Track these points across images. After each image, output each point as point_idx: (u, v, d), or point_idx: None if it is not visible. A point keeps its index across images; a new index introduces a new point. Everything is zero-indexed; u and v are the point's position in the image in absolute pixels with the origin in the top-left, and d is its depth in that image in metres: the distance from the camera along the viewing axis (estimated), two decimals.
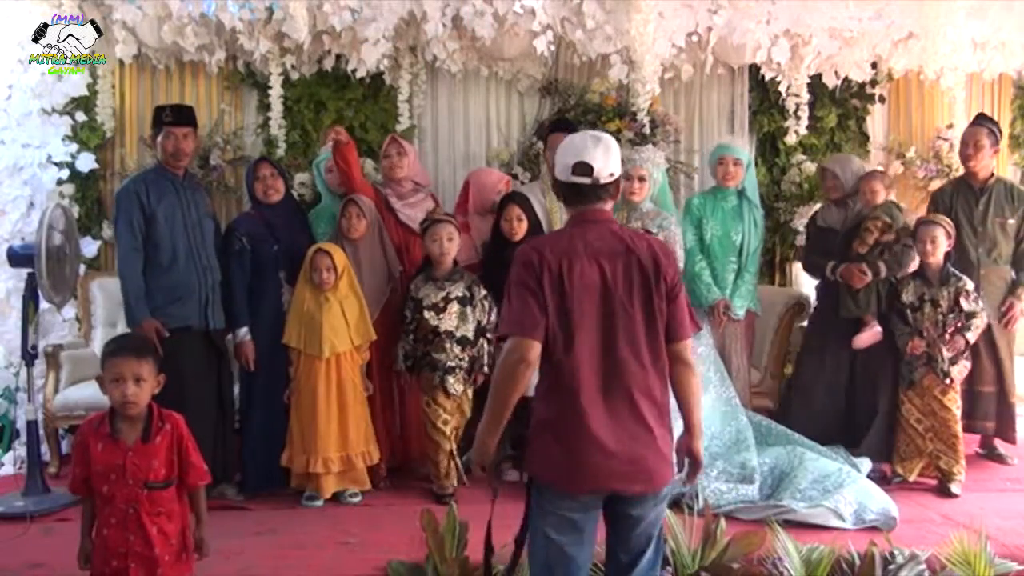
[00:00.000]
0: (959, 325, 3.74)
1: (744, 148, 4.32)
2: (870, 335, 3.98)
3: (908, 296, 3.83)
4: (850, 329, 4.04)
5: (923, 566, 2.91)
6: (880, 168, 4.34)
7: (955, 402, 3.78)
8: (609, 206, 2.36)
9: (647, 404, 2.27)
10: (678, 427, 2.49)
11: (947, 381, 3.75)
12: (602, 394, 2.25)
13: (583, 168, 2.28)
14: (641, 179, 3.95)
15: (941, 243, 3.77)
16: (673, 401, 2.44)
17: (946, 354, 3.73)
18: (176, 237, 3.61)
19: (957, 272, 3.82)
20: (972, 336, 3.76)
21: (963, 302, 3.75)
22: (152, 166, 3.88)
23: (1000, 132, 4.29)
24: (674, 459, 2.33)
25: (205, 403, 3.64)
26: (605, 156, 2.29)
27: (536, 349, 2.22)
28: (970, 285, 3.79)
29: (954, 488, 3.75)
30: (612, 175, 2.31)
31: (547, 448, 2.24)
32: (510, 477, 3.89)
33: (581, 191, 2.31)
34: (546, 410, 2.27)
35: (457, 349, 3.70)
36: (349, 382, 3.71)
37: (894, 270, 3.98)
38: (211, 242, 3.75)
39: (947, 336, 3.73)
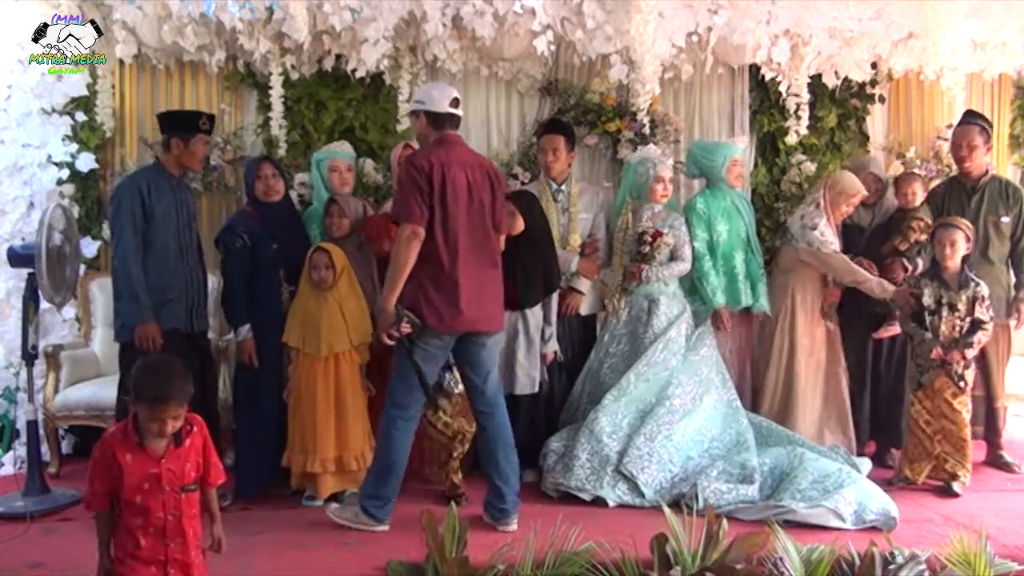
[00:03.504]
0: (966, 335, 3.74)
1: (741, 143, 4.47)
2: (888, 330, 4.09)
3: (927, 299, 3.81)
4: (868, 323, 4.16)
5: (923, 566, 2.91)
6: (918, 171, 4.37)
7: (965, 405, 3.79)
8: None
9: (494, 270, 3.27)
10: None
11: (961, 384, 3.75)
12: (471, 263, 3.17)
13: (456, 102, 3.28)
14: (670, 180, 4.14)
15: (960, 246, 3.76)
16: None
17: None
18: (169, 237, 3.60)
19: (975, 277, 3.81)
20: (971, 352, 3.76)
21: (977, 308, 3.75)
22: (150, 164, 3.85)
23: (991, 126, 4.29)
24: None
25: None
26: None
27: (421, 230, 3.09)
28: (985, 291, 3.78)
29: (956, 487, 3.75)
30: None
31: (431, 306, 3.14)
32: (527, 478, 3.82)
33: (454, 119, 3.27)
34: (427, 280, 3.14)
35: None
36: (348, 382, 3.69)
37: (915, 267, 4.04)
38: (197, 245, 3.76)
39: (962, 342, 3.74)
